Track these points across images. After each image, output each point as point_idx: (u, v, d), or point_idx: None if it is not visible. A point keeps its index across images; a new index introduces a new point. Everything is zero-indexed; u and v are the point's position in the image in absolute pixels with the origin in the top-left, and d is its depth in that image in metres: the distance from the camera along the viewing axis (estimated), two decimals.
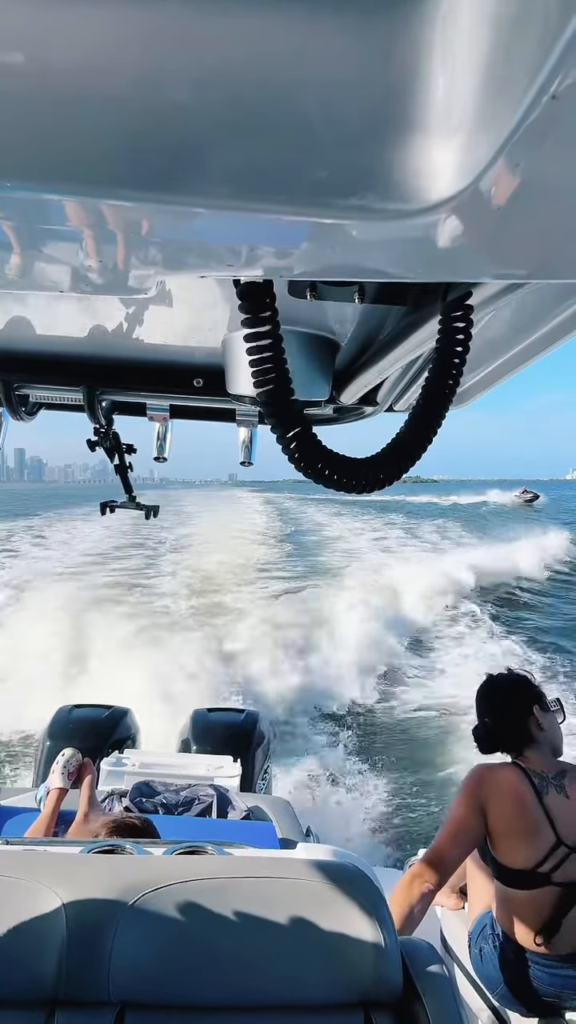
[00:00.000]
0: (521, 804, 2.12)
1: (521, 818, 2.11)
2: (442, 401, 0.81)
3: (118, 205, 0.43)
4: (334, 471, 0.79)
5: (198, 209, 0.43)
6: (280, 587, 14.89)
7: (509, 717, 2.30)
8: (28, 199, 0.43)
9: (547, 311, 0.85)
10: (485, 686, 2.42)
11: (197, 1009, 1.22)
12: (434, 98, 0.35)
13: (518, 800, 2.12)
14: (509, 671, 2.50)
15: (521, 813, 2.11)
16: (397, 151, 0.38)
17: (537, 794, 2.12)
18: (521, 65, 0.33)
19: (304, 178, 0.39)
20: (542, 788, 2.14)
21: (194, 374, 1.42)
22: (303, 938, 1.24)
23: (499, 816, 2.12)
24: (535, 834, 2.10)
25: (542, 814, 2.10)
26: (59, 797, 2.67)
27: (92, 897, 1.22)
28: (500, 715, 2.32)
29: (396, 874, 3.19)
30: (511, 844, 2.12)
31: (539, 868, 2.09)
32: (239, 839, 2.11)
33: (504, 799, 2.13)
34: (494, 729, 2.31)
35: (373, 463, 0.83)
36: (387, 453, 0.84)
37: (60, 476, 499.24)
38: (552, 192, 0.43)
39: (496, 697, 2.37)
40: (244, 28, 0.33)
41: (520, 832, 2.11)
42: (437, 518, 34.10)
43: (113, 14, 0.32)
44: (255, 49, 0.33)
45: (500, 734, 2.30)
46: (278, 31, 0.33)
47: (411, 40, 0.33)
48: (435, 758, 7.35)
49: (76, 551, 21.31)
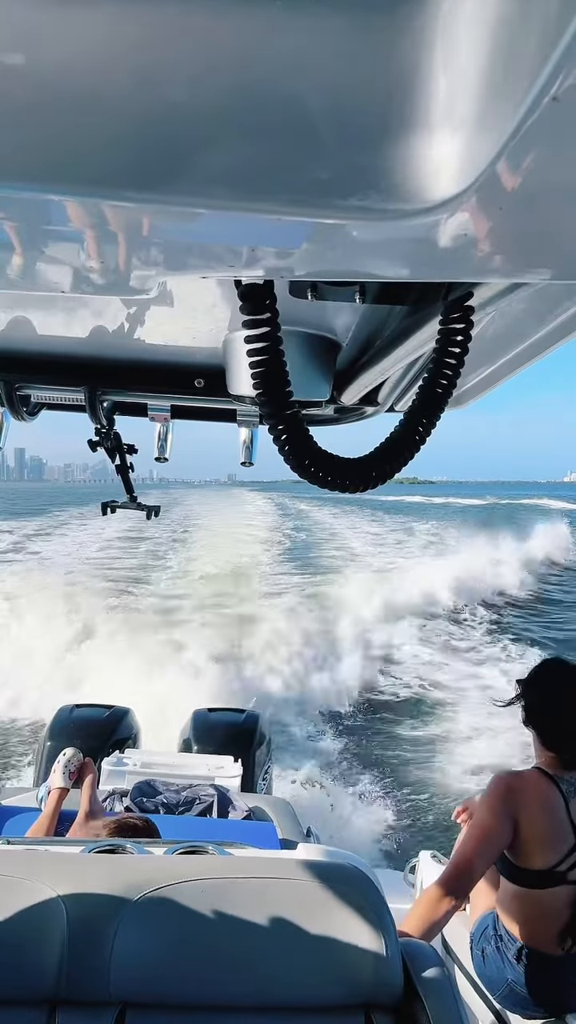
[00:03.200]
0: (551, 811, 2.07)
1: (549, 826, 2.07)
2: (437, 402, 0.81)
3: (119, 206, 0.44)
4: (325, 470, 0.79)
5: (199, 210, 0.43)
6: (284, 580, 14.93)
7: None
8: (30, 200, 0.44)
9: (548, 311, 0.85)
10: (556, 673, 2.21)
11: (198, 1009, 1.22)
12: (435, 98, 0.35)
13: (548, 807, 2.08)
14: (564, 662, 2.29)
15: (550, 822, 2.07)
16: (398, 151, 0.38)
17: (565, 800, 2.08)
18: (522, 66, 0.33)
19: (305, 178, 0.39)
20: (570, 794, 2.09)
21: (195, 374, 1.43)
22: (303, 939, 1.24)
23: (528, 824, 2.07)
24: (559, 839, 2.07)
25: (567, 819, 2.07)
26: (60, 797, 2.67)
27: (93, 897, 1.22)
28: (570, 711, 2.15)
29: (397, 875, 3.19)
30: (534, 848, 2.09)
31: (556, 868, 2.07)
32: (240, 839, 2.11)
33: (534, 807, 2.08)
34: (564, 724, 2.14)
35: (365, 463, 0.83)
36: (379, 453, 0.84)
37: (60, 476, 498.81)
38: (553, 193, 0.43)
39: (566, 690, 2.17)
40: (245, 28, 0.33)
41: (545, 838, 2.08)
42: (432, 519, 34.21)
43: (113, 14, 0.32)
44: (256, 49, 0.33)
45: (567, 732, 2.13)
46: (279, 31, 0.33)
47: (412, 40, 0.33)
48: (436, 758, 7.34)
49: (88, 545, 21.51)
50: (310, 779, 6.44)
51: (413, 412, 0.83)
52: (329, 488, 0.82)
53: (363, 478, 0.82)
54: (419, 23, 0.32)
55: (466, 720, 8.21)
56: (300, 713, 8.31)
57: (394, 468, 0.84)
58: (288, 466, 0.80)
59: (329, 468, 0.80)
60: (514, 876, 2.15)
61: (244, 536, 25.15)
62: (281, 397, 0.75)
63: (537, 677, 2.23)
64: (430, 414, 0.82)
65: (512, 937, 2.20)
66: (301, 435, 0.78)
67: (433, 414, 0.82)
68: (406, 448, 0.83)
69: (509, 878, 2.18)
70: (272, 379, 0.74)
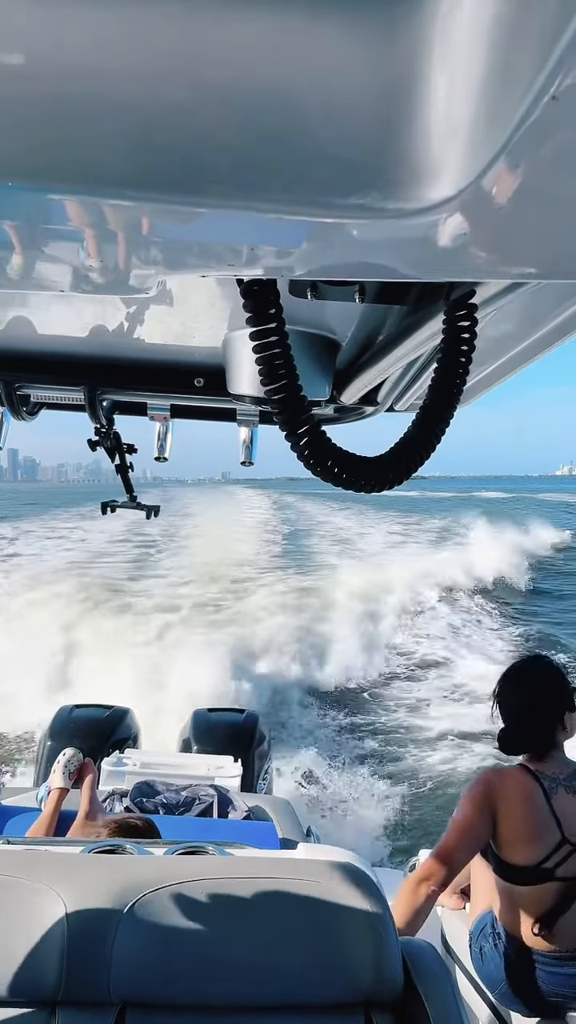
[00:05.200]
0: (531, 807, 2.09)
1: (530, 821, 2.09)
2: (450, 400, 0.81)
3: (119, 205, 0.43)
4: (344, 470, 0.79)
5: (199, 209, 0.43)
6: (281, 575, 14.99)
7: (538, 717, 2.17)
8: (29, 199, 0.44)
9: (549, 310, 0.85)
10: (515, 676, 2.24)
11: (198, 1009, 1.22)
12: (435, 97, 0.35)
13: (528, 804, 2.10)
14: (539, 658, 2.30)
15: (530, 816, 2.09)
16: (398, 150, 0.38)
17: (546, 796, 2.10)
18: (521, 65, 0.33)
19: (305, 177, 0.39)
20: (552, 789, 2.11)
21: (195, 374, 1.43)
22: (303, 938, 1.24)
23: (507, 819, 2.10)
24: (542, 834, 2.09)
25: (550, 814, 2.09)
26: (60, 797, 2.67)
27: (93, 897, 1.22)
28: (529, 713, 2.18)
29: (397, 874, 3.19)
30: (517, 843, 2.11)
31: (543, 864, 2.09)
32: (240, 839, 2.11)
33: (513, 803, 2.10)
34: (520, 729, 2.18)
35: (381, 463, 0.83)
36: (395, 453, 0.84)
37: (54, 476, 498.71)
38: (553, 192, 0.43)
39: (526, 692, 2.21)
40: (244, 28, 0.33)
41: (528, 833, 2.10)
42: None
43: (113, 14, 0.32)
44: (256, 48, 0.33)
45: (525, 737, 2.18)
46: (278, 30, 0.33)
47: (412, 39, 0.33)
48: (436, 758, 7.34)
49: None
50: (311, 779, 6.44)
51: (427, 411, 0.83)
52: (345, 487, 0.81)
53: (380, 478, 0.82)
54: (419, 22, 0.32)
55: (466, 717, 8.22)
56: (300, 712, 8.32)
57: (411, 468, 0.84)
58: (305, 466, 0.79)
59: (348, 467, 0.79)
60: (503, 872, 2.17)
61: (240, 532, 25.19)
62: (297, 398, 0.75)
63: (503, 680, 2.28)
64: (444, 413, 0.82)
65: (509, 935, 2.21)
66: (319, 435, 0.77)
67: (447, 413, 0.82)
68: (423, 447, 0.83)
69: (499, 874, 2.19)
70: (285, 378, 0.74)
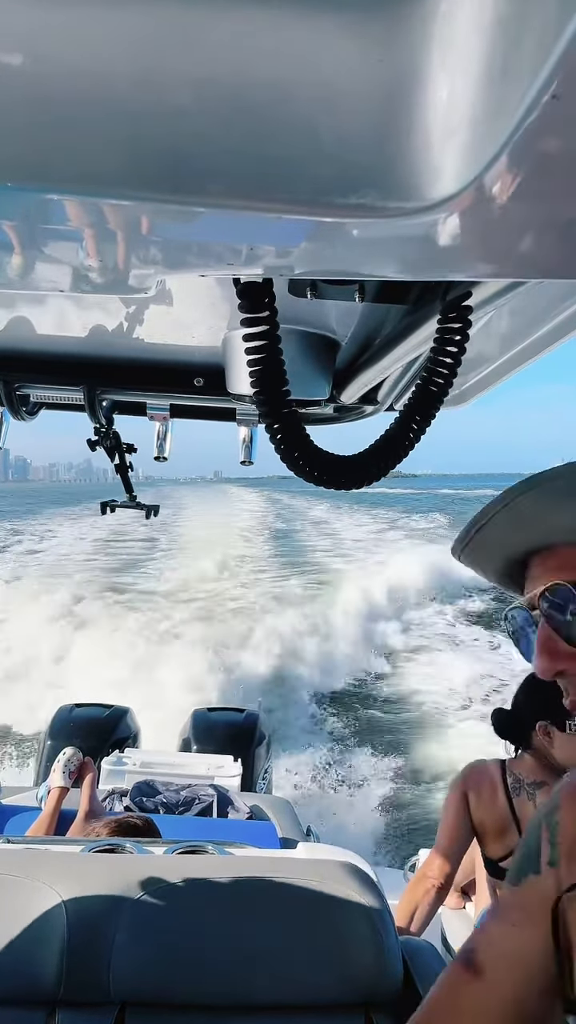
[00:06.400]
0: (493, 799, 2.17)
1: (494, 815, 2.16)
2: (431, 401, 0.82)
3: (118, 204, 0.43)
4: (320, 468, 0.80)
5: (198, 208, 0.43)
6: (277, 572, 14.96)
7: (521, 713, 2.23)
8: (28, 199, 0.43)
9: (548, 310, 0.85)
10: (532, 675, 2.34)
11: (197, 1008, 1.22)
12: (435, 97, 0.35)
13: (491, 794, 2.18)
14: None
15: (494, 811, 2.16)
16: (398, 150, 0.38)
17: (507, 794, 2.17)
18: (521, 64, 0.33)
19: (304, 177, 0.39)
20: (514, 790, 2.17)
21: (194, 373, 1.42)
22: (303, 938, 1.24)
23: (477, 811, 2.18)
24: (506, 831, 2.15)
25: (510, 815, 2.15)
26: (60, 796, 2.67)
27: (93, 896, 1.22)
28: (516, 706, 2.25)
29: (397, 874, 3.19)
30: (488, 837, 2.18)
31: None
32: (240, 839, 2.11)
33: (483, 796, 2.19)
34: (506, 715, 2.24)
35: (358, 461, 0.83)
36: (372, 451, 0.84)
37: (45, 475, 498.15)
38: (553, 191, 0.43)
39: (524, 686, 2.28)
40: (245, 28, 0.32)
41: (494, 826, 2.16)
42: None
43: (114, 14, 0.32)
44: (255, 48, 0.33)
45: (507, 725, 2.24)
46: (279, 30, 0.33)
47: (412, 39, 0.33)
48: (437, 758, 7.35)
49: None
50: (311, 778, 6.44)
51: (408, 411, 0.83)
52: (324, 486, 0.82)
53: (357, 476, 0.83)
54: (419, 22, 0.32)
55: (466, 714, 8.22)
56: (300, 711, 8.32)
57: (388, 466, 0.85)
58: (284, 464, 0.80)
59: (324, 466, 0.80)
60: (486, 866, 2.22)
61: (234, 530, 25.23)
62: (278, 396, 0.76)
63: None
64: (424, 413, 0.83)
65: None
66: (297, 434, 0.78)
67: (427, 413, 0.83)
68: (399, 446, 0.84)
69: (486, 869, 2.23)
70: (269, 377, 0.75)
